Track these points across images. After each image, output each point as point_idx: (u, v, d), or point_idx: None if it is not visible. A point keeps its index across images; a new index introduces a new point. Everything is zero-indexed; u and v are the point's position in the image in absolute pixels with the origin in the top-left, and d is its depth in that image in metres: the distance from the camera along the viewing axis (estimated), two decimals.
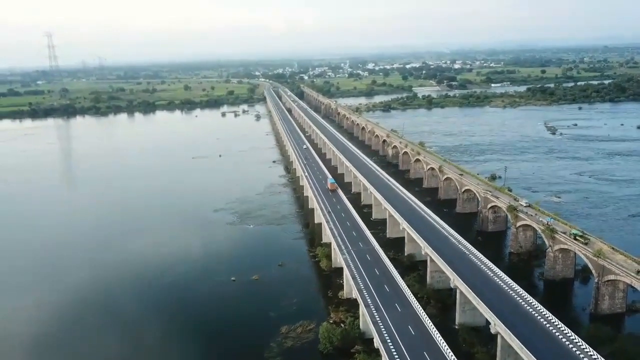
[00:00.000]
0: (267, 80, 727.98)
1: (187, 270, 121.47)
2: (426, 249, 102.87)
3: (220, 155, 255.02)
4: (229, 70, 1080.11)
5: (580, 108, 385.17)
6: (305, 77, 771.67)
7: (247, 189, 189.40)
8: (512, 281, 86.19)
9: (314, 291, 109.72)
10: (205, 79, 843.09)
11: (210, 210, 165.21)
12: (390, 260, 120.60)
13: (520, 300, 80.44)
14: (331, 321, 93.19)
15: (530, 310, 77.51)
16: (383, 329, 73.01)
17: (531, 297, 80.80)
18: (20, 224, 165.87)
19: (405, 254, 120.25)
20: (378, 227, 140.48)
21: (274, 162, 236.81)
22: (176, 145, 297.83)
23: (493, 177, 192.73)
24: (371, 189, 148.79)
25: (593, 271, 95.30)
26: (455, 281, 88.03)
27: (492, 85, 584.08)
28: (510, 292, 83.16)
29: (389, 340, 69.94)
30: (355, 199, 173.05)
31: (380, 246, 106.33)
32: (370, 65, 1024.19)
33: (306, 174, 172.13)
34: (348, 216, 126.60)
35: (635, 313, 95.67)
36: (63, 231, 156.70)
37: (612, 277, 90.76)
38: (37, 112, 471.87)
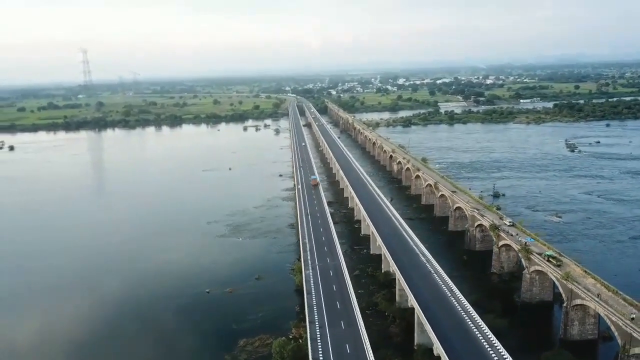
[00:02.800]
0: (295, 95, 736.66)
1: (164, 280, 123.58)
2: (393, 267, 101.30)
3: (230, 169, 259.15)
4: (261, 86, 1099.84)
5: (608, 125, 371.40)
6: (333, 92, 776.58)
7: (247, 201, 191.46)
8: (467, 303, 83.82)
9: (283, 305, 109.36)
10: (236, 94, 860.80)
11: (204, 223, 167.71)
12: (368, 277, 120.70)
13: (470, 324, 77.98)
14: (291, 336, 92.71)
15: (478, 334, 75.00)
16: (319, 346, 72.23)
17: (481, 320, 78.13)
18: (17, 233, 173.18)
19: (382, 271, 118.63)
20: (366, 242, 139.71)
21: (280, 175, 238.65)
22: (191, 157, 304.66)
23: (496, 195, 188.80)
24: (359, 204, 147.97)
25: (563, 294, 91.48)
26: (411, 300, 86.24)
27: (521, 101, 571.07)
28: (463, 314, 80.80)
29: (321, 358, 69.12)
30: (350, 214, 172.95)
31: (363, 262, 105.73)
32: (400, 81, 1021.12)
33: (298, 188, 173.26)
34: (325, 231, 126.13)
35: (608, 340, 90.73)
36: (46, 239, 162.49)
37: (579, 301, 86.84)
38: (71, 125, 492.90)
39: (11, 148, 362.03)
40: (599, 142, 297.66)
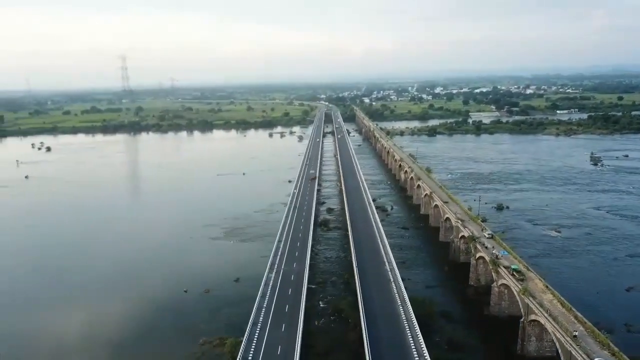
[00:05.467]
0: (326, 103, 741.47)
1: (144, 278, 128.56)
2: (356, 275, 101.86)
3: (244, 173, 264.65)
4: (298, 93, 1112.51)
5: None
6: (366, 100, 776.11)
7: (250, 206, 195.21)
8: (414, 318, 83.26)
9: (252, 307, 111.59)
10: (271, 101, 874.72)
11: (200, 225, 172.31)
12: (343, 283, 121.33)
13: (411, 341, 77.50)
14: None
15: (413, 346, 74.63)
16: (253, 346, 74.09)
17: (422, 338, 77.00)
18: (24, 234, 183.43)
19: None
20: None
21: (289, 181, 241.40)
22: (210, 161, 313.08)
23: (500, 207, 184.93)
24: (347, 215, 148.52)
25: (521, 309, 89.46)
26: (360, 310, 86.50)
27: (558, 112, 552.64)
28: (408, 332, 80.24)
29: (249, 358, 70.88)
30: (343, 220, 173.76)
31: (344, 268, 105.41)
32: (437, 89, 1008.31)
33: (294, 192, 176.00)
34: (303, 239, 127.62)
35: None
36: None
37: (534, 316, 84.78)
38: (108, 128, 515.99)
39: (48, 149, 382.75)
40: (627, 155, 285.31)
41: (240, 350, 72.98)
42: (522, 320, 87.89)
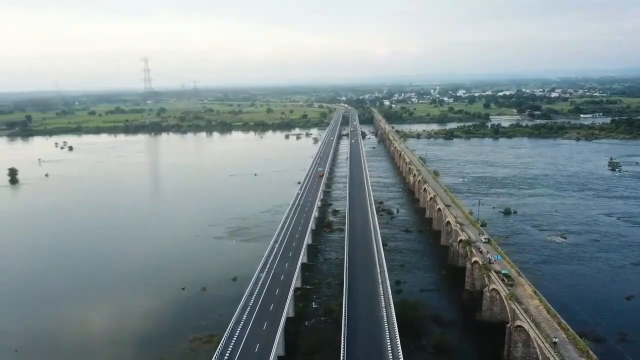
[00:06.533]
0: (346, 105, 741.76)
1: (145, 276, 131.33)
2: (345, 277, 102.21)
3: (255, 174, 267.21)
4: (319, 95, 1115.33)
5: None
6: (387, 102, 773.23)
7: (257, 206, 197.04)
8: (394, 317, 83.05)
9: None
10: (292, 103, 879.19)
11: (206, 225, 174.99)
12: (338, 285, 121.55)
13: (387, 338, 77.50)
14: None
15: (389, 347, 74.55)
16: (232, 343, 75.37)
17: (398, 337, 76.63)
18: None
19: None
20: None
21: (298, 183, 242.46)
22: (224, 162, 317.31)
23: (507, 212, 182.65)
24: (347, 218, 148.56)
25: (509, 315, 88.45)
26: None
27: (582, 115, 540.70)
28: (387, 340, 79.95)
29: (227, 354, 72.22)
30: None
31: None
32: (460, 92, 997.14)
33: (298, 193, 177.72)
34: (299, 240, 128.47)
35: None
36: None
37: (518, 322, 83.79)
38: (130, 128, 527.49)
39: (70, 148, 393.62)
40: None
41: (219, 347, 74.18)
42: (508, 325, 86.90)
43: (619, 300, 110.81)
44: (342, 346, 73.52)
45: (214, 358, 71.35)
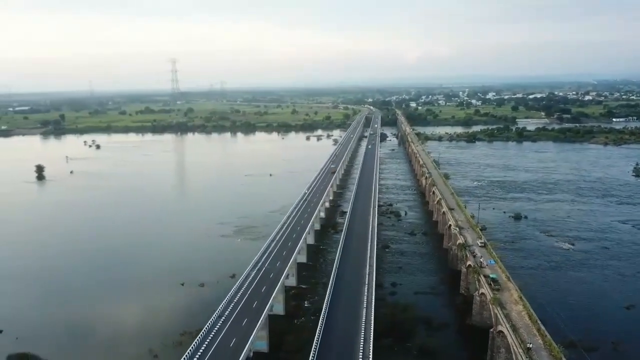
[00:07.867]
0: (370, 107, 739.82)
1: (147, 271, 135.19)
2: (332, 277, 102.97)
3: (270, 175, 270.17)
4: (346, 96, 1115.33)
5: None
6: (413, 105, 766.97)
7: (266, 206, 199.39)
8: (372, 317, 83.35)
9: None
10: (317, 104, 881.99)
11: (215, 223, 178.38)
12: None
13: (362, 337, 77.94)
14: None
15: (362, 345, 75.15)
16: (210, 336, 77.47)
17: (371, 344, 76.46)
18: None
19: None
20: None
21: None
22: (243, 162, 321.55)
23: (518, 217, 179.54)
24: (347, 220, 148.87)
25: (493, 319, 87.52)
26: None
27: (614, 119, 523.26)
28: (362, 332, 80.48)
29: (204, 346, 74.23)
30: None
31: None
32: (490, 95, 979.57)
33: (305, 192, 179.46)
34: (296, 239, 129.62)
35: None
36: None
37: (500, 327, 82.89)
38: (157, 128, 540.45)
39: (97, 147, 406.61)
40: None
41: (196, 339, 76.29)
42: (491, 330, 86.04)
43: (618, 309, 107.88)
44: (316, 337, 74.63)
45: (188, 351, 73.41)
